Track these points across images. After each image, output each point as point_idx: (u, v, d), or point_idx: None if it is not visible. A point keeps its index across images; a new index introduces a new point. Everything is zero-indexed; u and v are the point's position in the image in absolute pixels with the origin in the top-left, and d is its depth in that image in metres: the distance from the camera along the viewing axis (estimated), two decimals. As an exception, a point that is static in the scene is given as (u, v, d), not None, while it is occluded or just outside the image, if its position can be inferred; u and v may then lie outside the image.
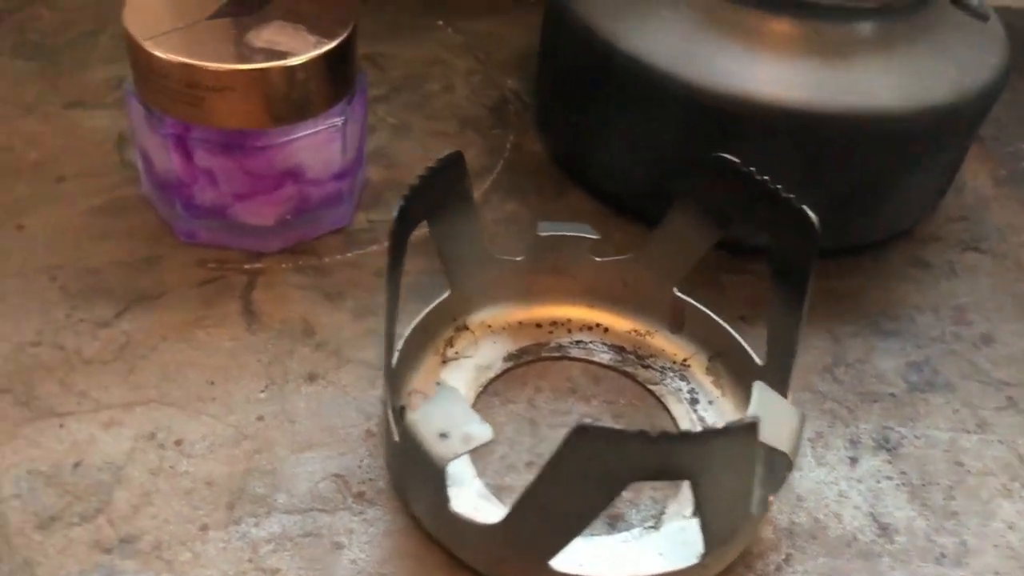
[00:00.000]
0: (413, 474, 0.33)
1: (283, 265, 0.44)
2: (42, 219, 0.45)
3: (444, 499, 0.32)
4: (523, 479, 0.36)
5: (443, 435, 0.30)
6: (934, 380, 0.43)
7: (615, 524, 0.36)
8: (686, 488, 0.36)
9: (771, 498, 0.34)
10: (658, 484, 0.37)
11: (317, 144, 0.42)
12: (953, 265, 0.49)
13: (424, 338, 0.40)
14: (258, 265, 0.44)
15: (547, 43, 0.51)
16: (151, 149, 0.43)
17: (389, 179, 0.50)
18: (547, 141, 0.53)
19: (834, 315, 0.45)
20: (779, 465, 0.34)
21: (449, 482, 0.32)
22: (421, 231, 0.38)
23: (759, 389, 0.32)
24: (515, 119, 0.55)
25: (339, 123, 0.42)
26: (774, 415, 0.32)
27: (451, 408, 0.31)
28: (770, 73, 0.43)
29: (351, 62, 0.43)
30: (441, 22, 0.62)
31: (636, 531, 0.35)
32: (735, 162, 0.37)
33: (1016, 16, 0.74)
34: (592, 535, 0.35)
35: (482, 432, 0.30)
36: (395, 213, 0.34)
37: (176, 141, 0.41)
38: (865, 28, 0.44)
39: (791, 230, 0.36)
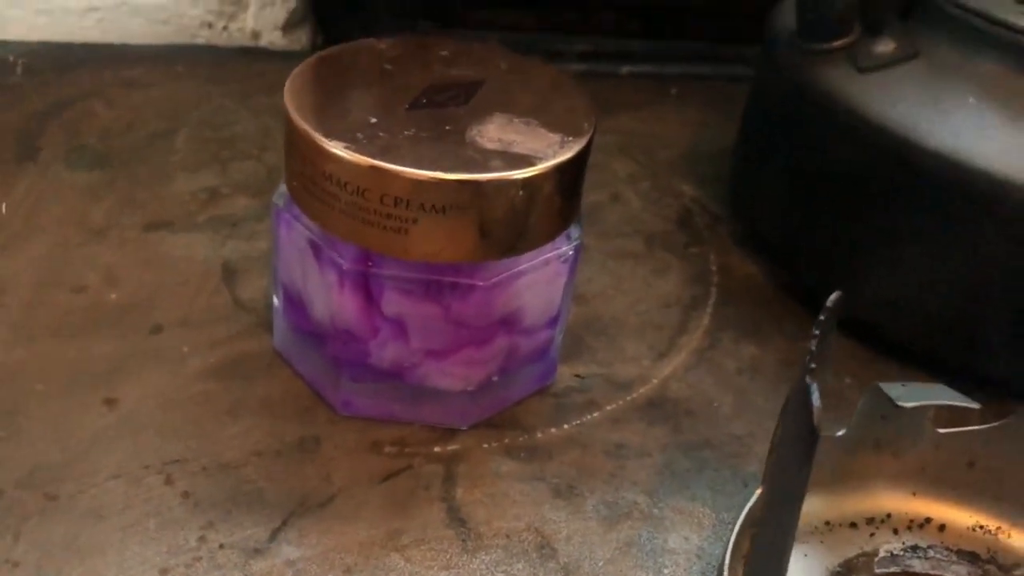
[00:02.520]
0: None
1: (485, 445, 0.32)
2: (140, 388, 0.32)
3: None
4: None
5: None
6: None
7: None
8: None
9: None
10: None
11: (542, 280, 0.31)
12: None
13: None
14: (453, 447, 0.32)
15: (769, 140, 0.40)
16: (311, 289, 0.30)
17: (586, 319, 0.38)
18: (772, 262, 0.42)
19: None
20: None
21: None
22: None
23: None
24: (708, 234, 0.44)
25: (570, 252, 0.31)
26: None
27: None
28: None
29: (584, 172, 0.31)
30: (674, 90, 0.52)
31: None
32: None
33: None
34: None
35: None
36: (814, 400, 0.22)
37: (356, 279, 0.29)
38: None
39: None
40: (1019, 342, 0.35)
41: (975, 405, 0.29)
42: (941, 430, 0.30)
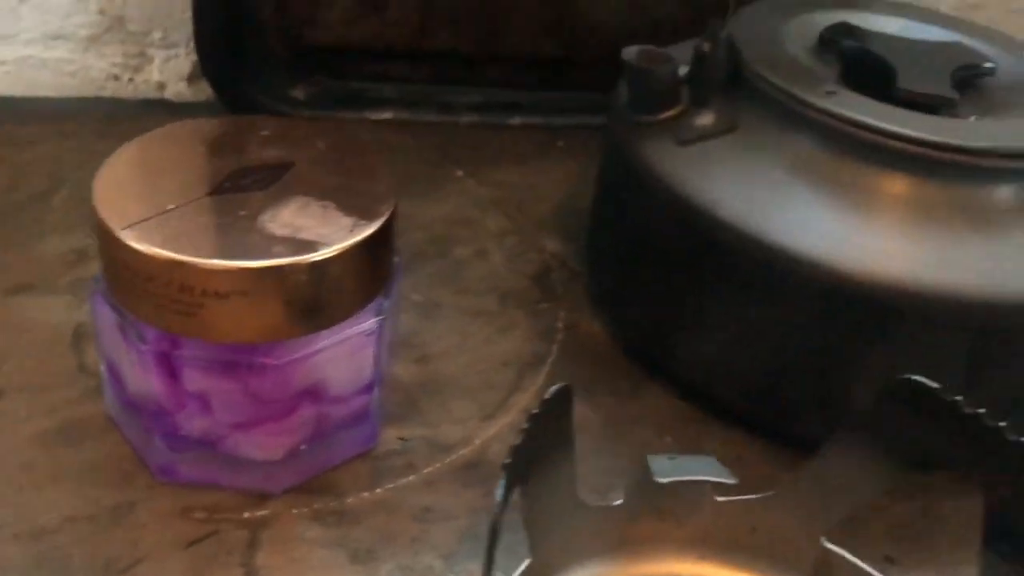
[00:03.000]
0: None
1: (295, 511, 0.33)
2: (21, 484, 0.34)
3: None
4: None
5: None
6: None
7: None
8: None
9: None
10: None
11: (345, 354, 0.32)
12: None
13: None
14: (262, 512, 0.33)
15: (610, 205, 0.42)
16: (123, 365, 0.32)
17: (422, 379, 0.40)
18: (611, 321, 0.43)
19: None
20: None
21: None
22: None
23: None
24: (563, 291, 0.46)
25: (374, 327, 0.32)
26: None
27: None
28: (914, 250, 0.34)
29: (391, 246, 0.33)
30: (461, 173, 0.53)
31: None
32: (932, 387, 0.27)
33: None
34: None
35: None
36: (499, 494, 0.23)
37: (159, 358, 0.31)
38: (1015, 190, 0.36)
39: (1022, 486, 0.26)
40: (821, 404, 0.36)
41: (732, 481, 0.30)
42: (719, 498, 0.32)
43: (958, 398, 0.27)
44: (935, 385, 0.27)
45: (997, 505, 0.27)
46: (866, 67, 0.39)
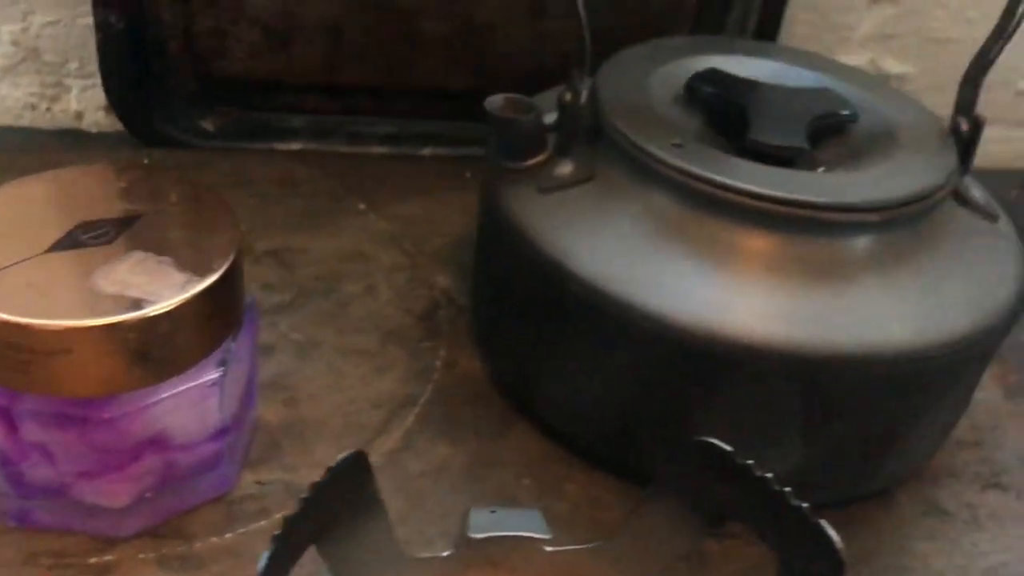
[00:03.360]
0: None
1: (141, 555, 0.34)
2: None
3: None
4: None
5: None
6: None
7: None
8: None
9: None
10: None
11: (187, 404, 0.33)
12: (975, 511, 0.41)
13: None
14: (108, 558, 0.34)
15: (482, 247, 0.43)
16: (-31, 415, 0.33)
17: (289, 421, 0.40)
18: (487, 359, 0.44)
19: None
20: None
21: None
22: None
23: None
24: (448, 328, 0.46)
25: (215, 377, 0.33)
26: None
27: None
28: (755, 303, 0.35)
29: (234, 297, 0.34)
30: (363, 206, 0.54)
31: None
32: (726, 450, 0.28)
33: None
34: None
35: None
36: (262, 561, 0.24)
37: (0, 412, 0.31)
38: (865, 242, 0.37)
39: (804, 548, 0.27)
40: (667, 447, 0.37)
41: (547, 536, 0.31)
42: (548, 548, 0.32)
43: (749, 461, 0.27)
44: (728, 448, 0.28)
45: (787, 561, 0.28)
46: (725, 116, 0.40)
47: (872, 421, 0.36)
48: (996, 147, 0.73)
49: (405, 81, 0.58)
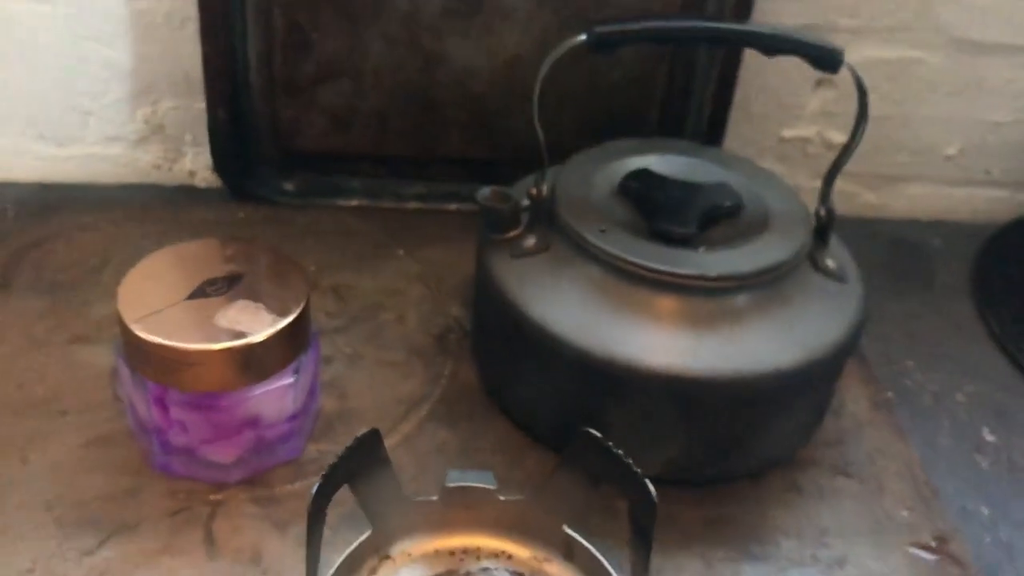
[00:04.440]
0: None
1: (240, 496, 0.53)
2: (45, 453, 0.54)
3: None
4: None
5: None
6: (790, 603, 0.50)
7: None
8: None
9: None
10: None
11: (272, 398, 0.51)
12: (823, 490, 0.57)
13: (351, 566, 0.48)
14: (219, 496, 0.52)
15: (477, 294, 0.60)
16: (136, 401, 0.52)
17: (341, 409, 0.58)
18: (479, 372, 0.62)
19: (710, 541, 0.53)
20: None
21: None
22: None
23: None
24: (455, 347, 0.64)
25: (291, 381, 0.51)
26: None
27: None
28: (651, 342, 0.52)
29: (303, 329, 0.52)
30: (401, 251, 0.72)
31: None
32: (598, 436, 0.45)
33: (895, 226, 0.84)
34: None
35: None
36: (312, 491, 0.42)
37: (156, 399, 0.50)
38: (739, 300, 0.53)
39: (639, 496, 0.44)
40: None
41: (493, 487, 0.48)
42: (502, 497, 0.50)
43: (610, 443, 0.45)
44: (598, 435, 0.45)
45: (631, 510, 0.44)
46: (645, 206, 0.56)
47: (739, 423, 0.53)
48: (928, 202, 0.89)
49: (434, 153, 0.76)
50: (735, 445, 0.55)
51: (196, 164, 0.80)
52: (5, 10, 0.71)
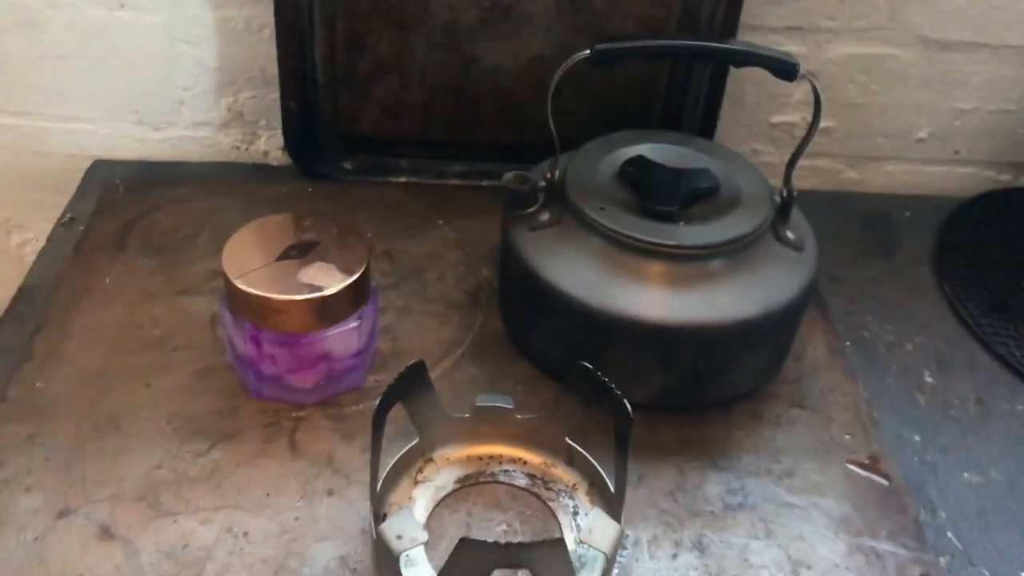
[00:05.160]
0: (382, 560, 0.56)
1: (316, 414, 0.67)
2: (163, 380, 0.69)
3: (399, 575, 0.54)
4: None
5: (399, 537, 0.53)
6: (744, 502, 0.64)
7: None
8: None
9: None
10: None
11: (340, 339, 0.66)
12: (779, 418, 0.71)
13: (402, 467, 0.63)
14: (300, 414, 0.67)
15: (502, 259, 0.74)
16: (235, 340, 0.66)
17: (393, 350, 0.73)
18: (504, 322, 0.76)
19: (684, 455, 0.67)
20: (602, 561, 0.56)
21: (409, 565, 0.54)
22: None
23: (595, 514, 0.54)
24: (485, 302, 0.78)
25: (355, 325, 0.66)
26: (601, 529, 0.53)
27: (405, 520, 0.53)
28: (640, 299, 0.65)
29: (365, 285, 0.66)
30: (442, 221, 0.86)
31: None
32: (591, 369, 0.59)
33: (872, 200, 0.96)
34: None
35: (421, 536, 0.53)
36: (376, 404, 0.57)
37: (251, 338, 0.65)
38: (712, 265, 0.66)
39: (620, 413, 0.58)
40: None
41: (511, 406, 0.63)
42: (519, 416, 0.64)
43: (599, 374, 0.58)
44: (590, 367, 0.59)
45: (615, 425, 0.59)
46: (638, 188, 0.70)
47: (710, 362, 0.67)
48: (903, 178, 1.01)
49: (471, 138, 0.90)
50: (706, 380, 0.68)
51: (269, 145, 0.94)
52: (117, 19, 0.86)
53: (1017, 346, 0.80)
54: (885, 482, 0.67)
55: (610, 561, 0.55)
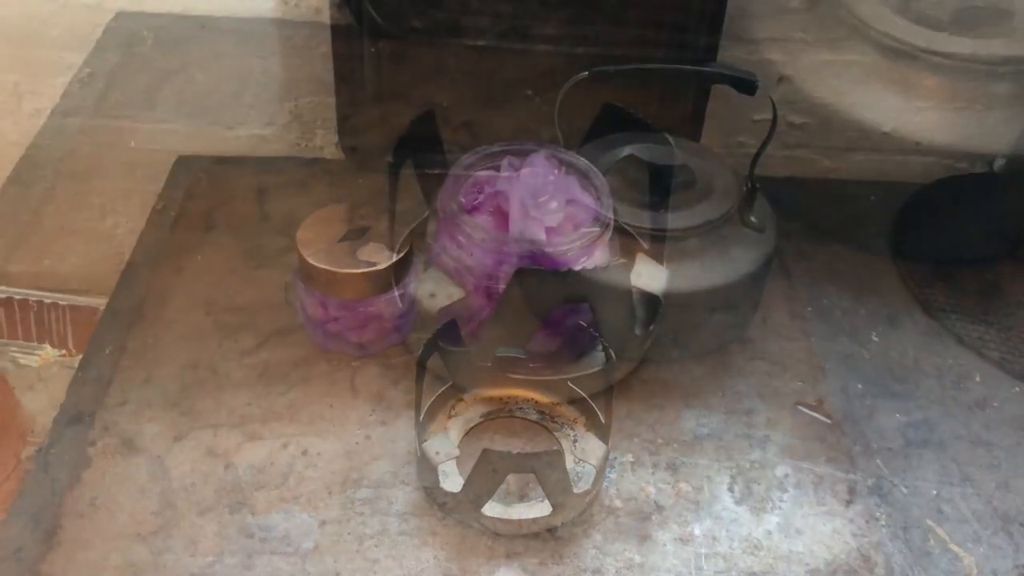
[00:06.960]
0: (424, 471, 0.73)
1: (371, 363, 0.85)
2: (248, 336, 0.86)
3: (437, 483, 0.71)
4: (481, 476, 0.76)
5: (437, 452, 0.70)
6: (710, 433, 0.81)
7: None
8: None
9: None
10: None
11: (387, 304, 0.83)
12: (743, 369, 0.87)
13: (438, 405, 0.80)
14: (358, 363, 0.85)
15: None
16: (306, 304, 0.84)
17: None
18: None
19: (662, 396, 0.83)
20: (593, 475, 0.73)
21: (444, 476, 0.72)
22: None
23: (588, 437, 0.71)
24: (506, 273, 0.94)
25: (398, 294, 0.83)
26: (592, 449, 0.70)
27: (442, 441, 0.70)
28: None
29: (408, 262, 0.83)
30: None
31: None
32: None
33: (843, 186, 1.11)
34: (510, 503, 0.74)
35: (455, 451, 0.70)
36: (418, 355, 0.74)
37: (320, 302, 0.82)
38: (689, 243, 0.82)
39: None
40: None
41: (524, 356, 0.79)
42: (531, 364, 0.81)
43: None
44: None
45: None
46: (629, 183, 0.86)
47: (686, 322, 0.83)
48: (871, 166, 1.16)
49: None
50: (683, 337, 0.84)
51: (324, 142, 1.11)
52: (204, 39, 1.03)
53: (953, 311, 0.95)
54: (828, 420, 0.83)
55: (599, 473, 0.72)
